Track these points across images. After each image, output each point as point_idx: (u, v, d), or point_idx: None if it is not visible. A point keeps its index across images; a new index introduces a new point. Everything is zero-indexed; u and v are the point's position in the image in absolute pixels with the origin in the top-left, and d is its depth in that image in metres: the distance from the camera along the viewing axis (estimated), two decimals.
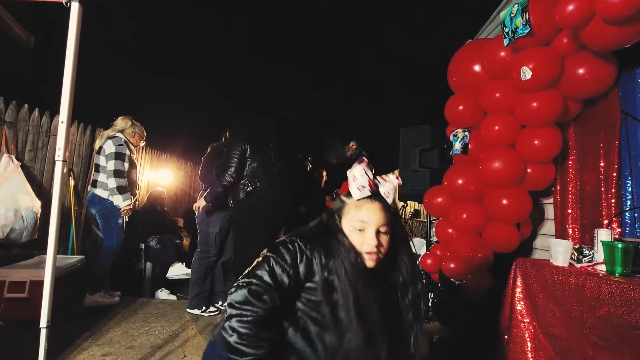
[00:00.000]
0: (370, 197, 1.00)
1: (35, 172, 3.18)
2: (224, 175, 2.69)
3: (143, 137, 3.33)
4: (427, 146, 3.00)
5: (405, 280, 1.04)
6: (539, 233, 2.40)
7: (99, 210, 3.02)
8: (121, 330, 2.58)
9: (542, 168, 2.14)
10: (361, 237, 0.97)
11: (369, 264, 0.98)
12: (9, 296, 2.56)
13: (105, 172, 2.99)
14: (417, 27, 8.66)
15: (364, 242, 0.97)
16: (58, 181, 1.44)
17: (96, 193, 2.99)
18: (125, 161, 3.02)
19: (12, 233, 2.77)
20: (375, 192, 1.01)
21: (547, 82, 1.90)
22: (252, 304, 0.86)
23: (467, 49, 2.50)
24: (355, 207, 0.99)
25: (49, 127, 3.32)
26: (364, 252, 0.97)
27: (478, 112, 2.37)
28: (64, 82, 1.46)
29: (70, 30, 1.45)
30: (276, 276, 0.89)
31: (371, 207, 0.99)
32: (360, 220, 0.97)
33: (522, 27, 1.81)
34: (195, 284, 3.05)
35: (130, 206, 3.05)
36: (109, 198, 2.99)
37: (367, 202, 0.99)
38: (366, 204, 0.99)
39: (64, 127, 1.45)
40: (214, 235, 3.08)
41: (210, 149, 3.36)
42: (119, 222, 3.04)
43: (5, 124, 2.88)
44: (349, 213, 1.00)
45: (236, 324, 0.85)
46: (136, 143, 3.26)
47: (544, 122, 2.01)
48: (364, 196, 0.99)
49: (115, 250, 3.07)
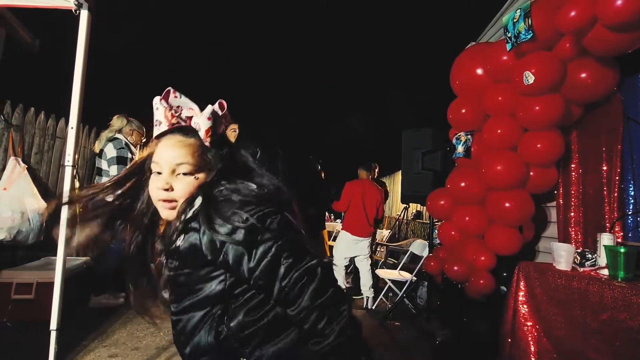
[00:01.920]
0: (171, 131, 0.79)
1: (41, 175, 3.21)
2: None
3: (143, 134, 3.31)
4: (430, 149, 3.02)
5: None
6: (542, 236, 2.41)
7: None
8: (126, 331, 2.61)
9: (544, 171, 2.15)
10: (155, 182, 0.77)
11: (165, 213, 0.78)
12: (16, 297, 2.59)
13: (108, 176, 3.02)
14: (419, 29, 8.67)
15: (156, 188, 0.77)
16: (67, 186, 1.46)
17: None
18: (127, 165, 3.04)
19: (18, 235, 2.79)
20: (179, 127, 0.79)
21: (549, 87, 1.92)
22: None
23: (470, 53, 2.52)
24: (155, 147, 0.80)
25: (54, 129, 3.35)
26: (157, 200, 0.78)
27: (480, 115, 2.38)
28: (73, 89, 1.49)
29: (80, 37, 1.48)
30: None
31: (165, 143, 0.78)
32: (155, 160, 0.78)
33: (525, 32, 1.83)
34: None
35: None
36: None
37: (164, 139, 0.79)
38: (163, 141, 0.79)
39: (74, 132, 1.48)
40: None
41: None
42: None
43: (12, 127, 2.92)
44: (152, 155, 0.80)
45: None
46: (136, 141, 3.24)
47: (546, 126, 2.03)
48: (160, 132, 0.79)
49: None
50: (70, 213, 1.02)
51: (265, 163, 0.87)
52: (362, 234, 3.84)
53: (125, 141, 3.12)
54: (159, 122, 0.79)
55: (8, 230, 2.72)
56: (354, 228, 3.84)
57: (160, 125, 0.79)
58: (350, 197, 3.89)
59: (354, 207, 3.85)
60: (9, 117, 2.92)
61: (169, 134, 0.79)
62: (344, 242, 3.90)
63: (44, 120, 3.24)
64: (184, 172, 0.77)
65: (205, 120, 0.78)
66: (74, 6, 1.50)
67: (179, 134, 0.79)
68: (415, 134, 3.12)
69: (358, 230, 3.83)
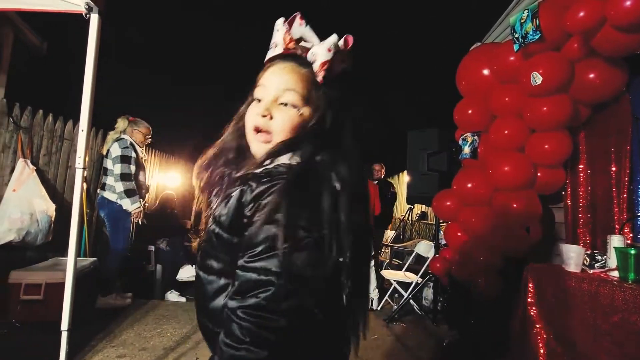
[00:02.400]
0: (284, 57, 0.68)
1: (49, 176, 3.24)
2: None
3: (146, 133, 3.32)
4: (436, 149, 3.02)
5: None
6: (549, 237, 2.40)
7: (107, 212, 3.08)
8: (134, 332, 2.62)
9: (552, 172, 2.14)
10: (254, 109, 0.67)
11: (253, 147, 0.67)
12: (25, 298, 2.61)
13: (113, 175, 3.05)
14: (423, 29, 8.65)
15: (253, 115, 0.66)
16: (79, 188, 1.48)
17: (105, 196, 3.05)
18: (131, 164, 3.06)
19: (27, 236, 2.82)
20: (294, 55, 0.68)
21: (557, 87, 1.91)
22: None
23: (476, 54, 2.52)
24: (262, 73, 0.69)
25: (62, 131, 3.38)
26: (251, 130, 0.66)
27: (487, 116, 2.38)
28: (83, 92, 1.50)
29: (90, 41, 1.50)
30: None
31: (276, 67, 0.67)
32: (260, 84, 0.67)
33: (533, 33, 1.82)
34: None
35: (139, 209, 3.09)
36: (116, 201, 3.04)
37: (276, 62, 0.68)
38: (273, 65, 0.68)
39: (84, 135, 1.50)
40: None
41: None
42: (127, 225, 3.09)
43: (21, 130, 2.95)
44: (256, 84, 0.69)
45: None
46: (140, 140, 3.25)
47: (554, 127, 2.02)
48: (274, 55, 0.69)
49: (122, 253, 3.11)
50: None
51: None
52: None
53: (130, 141, 3.15)
54: (275, 45, 0.69)
55: (17, 231, 2.74)
56: None
57: (275, 47, 0.69)
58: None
59: None
60: (18, 120, 2.95)
61: (281, 60, 0.68)
62: None
63: (52, 122, 3.27)
64: (288, 100, 0.65)
65: (325, 51, 0.65)
66: (84, 10, 1.51)
67: (292, 62, 0.67)
68: (421, 134, 3.12)
69: None
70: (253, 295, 0.53)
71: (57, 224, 3.04)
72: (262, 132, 0.65)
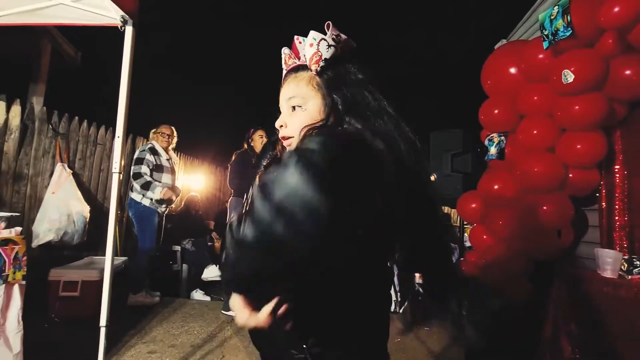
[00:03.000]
0: (287, 74, 0.78)
1: (84, 179, 3.42)
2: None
3: (168, 133, 3.41)
4: (460, 150, 2.96)
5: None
6: (582, 241, 2.30)
7: (134, 213, 3.22)
8: (163, 329, 2.72)
9: (584, 173, 2.05)
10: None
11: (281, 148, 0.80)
12: (63, 295, 2.76)
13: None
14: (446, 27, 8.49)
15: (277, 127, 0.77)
16: (115, 191, 1.56)
17: (132, 197, 3.20)
18: (142, 164, 3.18)
19: (65, 236, 2.99)
20: (292, 68, 0.78)
21: (590, 85, 1.84)
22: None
23: (502, 52, 2.45)
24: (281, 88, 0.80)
25: (95, 137, 3.56)
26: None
27: (514, 116, 2.31)
28: (119, 100, 1.58)
29: (125, 52, 1.57)
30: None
31: (287, 81, 0.77)
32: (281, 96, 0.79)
33: (564, 30, 1.76)
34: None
35: (164, 192, 3.17)
36: (141, 202, 3.17)
37: (287, 78, 0.78)
38: (286, 80, 0.78)
39: (120, 141, 1.57)
40: None
41: (235, 156, 3.48)
42: (152, 223, 3.20)
43: (59, 136, 3.13)
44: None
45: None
46: (162, 141, 3.36)
47: (587, 126, 1.94)
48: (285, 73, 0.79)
49: (149, 252, 3.22)
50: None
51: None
52: None
53: (149, 146, 3.29)
54: (285, 63, 0.79)
55: (56, 231, 2.91)
56: None
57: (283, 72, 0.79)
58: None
59: None
60: (57, 126, 3.13)
61: (285, 78, 0.78)
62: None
63: (86, 128, 3.45)
64: (294, 105, 0.75)
65: (308, 47, 0.73)
66: (120, 23, 1.59)
67: (292, 73, 0.77)
68: (445, 135, 3.06)
69: None
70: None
71: (90, 224, 3.20)
72: (285, 139, 0.77)
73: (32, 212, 2.92)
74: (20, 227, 1.63)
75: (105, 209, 3.64)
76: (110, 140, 3.74)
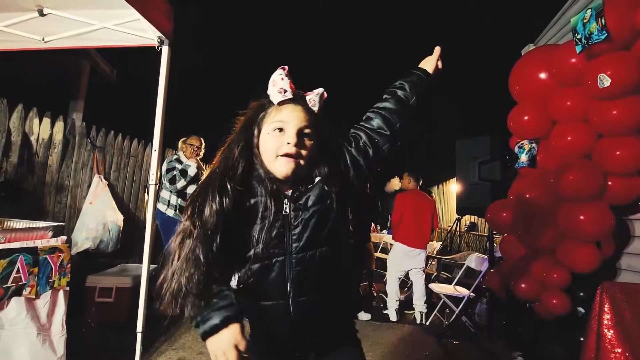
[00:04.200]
0: (293, 100, 0.90)
1: (118, 190, 3.60)
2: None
3: (197, 144, 3.53)
4: (487, 158, 2.89)
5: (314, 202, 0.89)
6: (624, 252, 2.17)
7: (160, 223, 3.34)
8: (191, 336, 2.78)
9: (625, 180, 1.95)
10: (278, 139, 0.87)
11: (283, 169, 0.86)
12: (99, 300, 2.89)
13: (165, 188, 3.39)
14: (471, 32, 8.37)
15: (281, 143, 0.86)
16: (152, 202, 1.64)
17: (158, 207, 3.32)
18: (174, 171, 3.34)
19: (100, 244, 3.14)
20: (299, 96, 0.92)
21: (628, 89, 1.76)
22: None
23: (531, 57, 2.40)
24: (276, 110, 0.89)
25: (129, 149, 3.75)
26: (280, 155, 0.86)
27: (545, 122, 2.24)
28: (156, 116, 1.67)
29: (162, 70, 1.67)
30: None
31: (293, 108, 0.89)
32: (280, 120, 0.88)
33: (598, 33, 1.71)
34: None
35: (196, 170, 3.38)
36: (166, 212, 3.32)
37: (288, 104, 0.90)
38: (288, 106, 0.89)
39: (156, 155, 1.66)
40: None
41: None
42: None
43: (97, 149, 3.32)
44: (269, 117, 0.90)
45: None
46: (190, 152, 3.49)
47: (626, 131, 1.85)
48: (286, 99, 0.89)
49: None
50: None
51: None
52: (418, 244, 3.76)
53: (176, 156, 3.44)
54: (283, 90, 0.90)
55: (93, 239, 3.06)
56: (409, 239, 3.77)
57: (285, 93, 0.90)
58: (402, 208, 3.84)
59: (407, 218, 3.80)
60: (94, 140, 3.32)
61: (292, 102, 0.90)
62: (399, 253, 3.83)
63: (121, 141, 3.64)
64: (307, 133, 0.89)
65: (320, 97, 0.94)
66: (157, 43, 1.69)
67: (301, 104, 0.91)
68: (471, 142, 3.00)
69: (413, 242, 3.76)
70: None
71: (123, 233, 3.34)
72: (291, 157, 0.86)
73: (71, 221, 3.09)
74: (65, 237, 1.73)
75: (137, 218, 3.80)
76: (142, 152, 3.92)
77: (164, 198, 3.37)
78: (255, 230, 0.86)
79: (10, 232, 1.58)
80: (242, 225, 0.87)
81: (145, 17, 1.62)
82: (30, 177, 2.78)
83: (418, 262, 3.77)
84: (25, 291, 1.54)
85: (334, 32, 10.29)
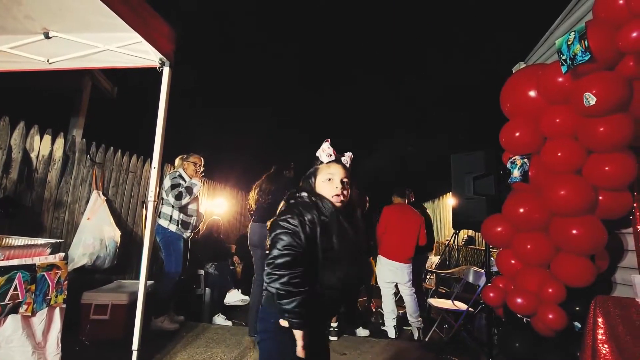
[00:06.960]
0: (335, 161, 1.46)
1: (116, 206, 3.60)
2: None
3: (197, 162, 3.57)
4: (482, 173, 2.93)
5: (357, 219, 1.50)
6: (618, 266, 2.20)
7: (161, 238, 3.33)
8: (187, 354, 2.75)
9: (616, 195, 1.99)
10: (330, 185, 1.41)
11: (337, 204, 1.39)
12: (94, 318, 2.86)
13: (167, 204, 3.33)
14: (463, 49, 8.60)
15: (332, 188, 1.40)
16: (150, 219, 1.65)
17: (159, 223, 3.32)
18: (179, 188, 3.35)
19: (97, 260, 3.13)
20: (338, 159, 1.48)
21: (614, 107, 1.82)
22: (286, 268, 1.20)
23: (521, 76, 2.47)
24: (326, 167, 1.45)
25: (128, 165, 3.78)
26: (332, 196, 1.39)
27: (537, 138, 2.30)
28: (156, 134, 1.71)
29: (162, 91, 1.72)
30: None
31: (336, 166, 1.45)
32: (330, 173, 1.43)
33: (582, 54, 1.78)
34: (255, 310, 3.16)
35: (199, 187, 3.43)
36: (168, 227, 3.30)
37: (333, 164, 1.45)
38: (333, 165, 1.45)
39: (156, 172, 1.69)
40: None
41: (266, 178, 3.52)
42: (178, 248, 3.31)
43: (96, 165, 3.35)
44: (322, 172, 1.44)
45: (277, 284, 1.17)
46: (191, 170, 3.52)
47: (614, 147, 1.90)
48: (331, 160, 1.46)
49: (175, 276, 3.30)
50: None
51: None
52: (399, 259, 3.74)
53: (179, 173, 3.45)
54: (329, 155, 1.46)
55: (90, 255, 3.06)
56: (391, 253, 3.77)
57: (331, 156, 1.46)
58: (387, 221, 3.85)
59: (391, 232, 3.80)
60: (94, 156, 3.35)
61: (336, 162, 1.46)
62: (383, 266, 3.84)
63: (120, 157, 3.67)
64: (345, 182, 1.43)
65: (349, 158, 1.51)
66: (158, 64, 1.75)
67: (340, 164, 1.47)
68: (465, 157, 3.05)
69: (394, 256, 3.75)
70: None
71: (120, 249, 3.33)
72: (340, 197, 1.40)
73: (69, 237, 3.09)
74: (63, 253, 1.74)
75: (134, 234, 3.79)
76: (140, 167, 3.95)
77: (166, 214, 3.36)
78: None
79: (9, 250, 1.59)
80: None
81: (147, 40, 1.68)
82: (29, 194, 2.79)
83: (402, 277, 3.74)
84: (21, 309, 1.54)
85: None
